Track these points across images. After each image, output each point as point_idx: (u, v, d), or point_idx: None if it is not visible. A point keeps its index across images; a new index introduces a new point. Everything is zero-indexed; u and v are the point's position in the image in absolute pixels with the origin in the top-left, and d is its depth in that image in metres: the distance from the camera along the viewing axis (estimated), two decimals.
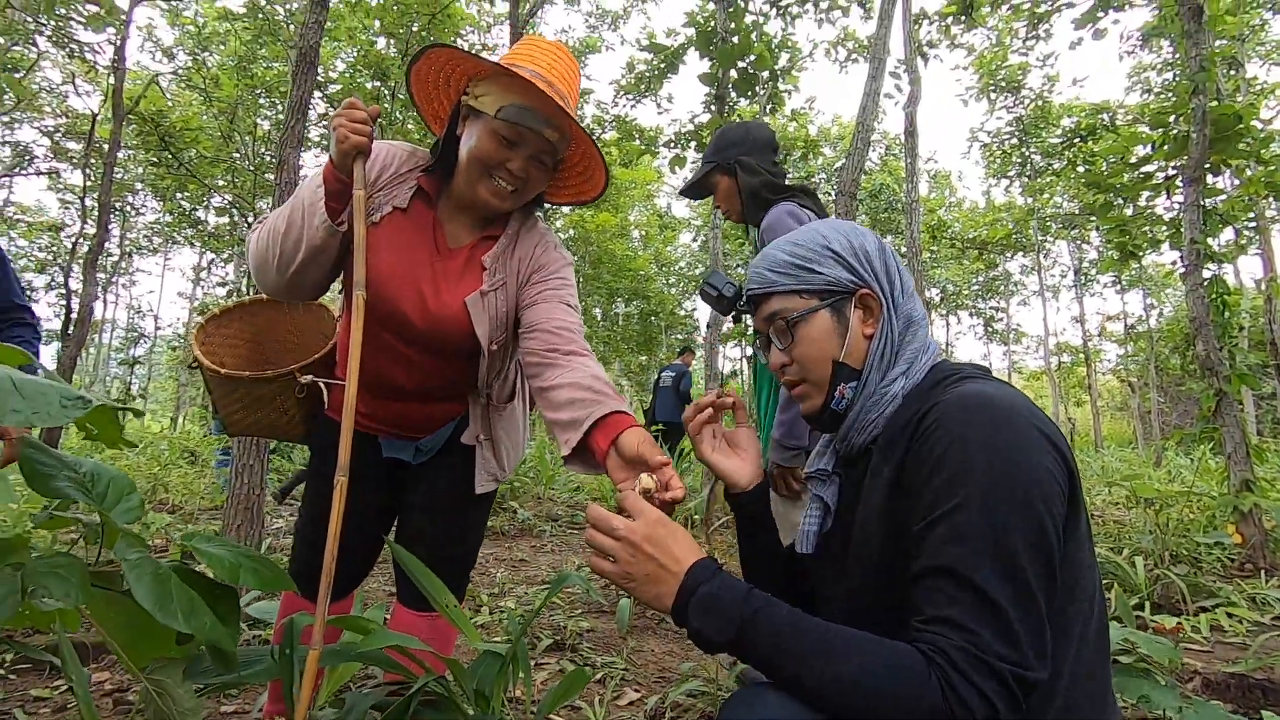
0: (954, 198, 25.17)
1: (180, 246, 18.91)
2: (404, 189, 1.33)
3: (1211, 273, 4.08)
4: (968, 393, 0.75)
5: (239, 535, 2.59)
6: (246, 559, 1.13)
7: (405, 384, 1.39)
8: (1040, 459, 0.69)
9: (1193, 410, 18.85)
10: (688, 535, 0.82)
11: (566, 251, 1.42)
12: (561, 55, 1.28)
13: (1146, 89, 14.69)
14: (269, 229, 1.28)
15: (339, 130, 1.18)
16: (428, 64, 1.29)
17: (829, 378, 0.89)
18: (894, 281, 0.91)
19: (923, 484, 0.73)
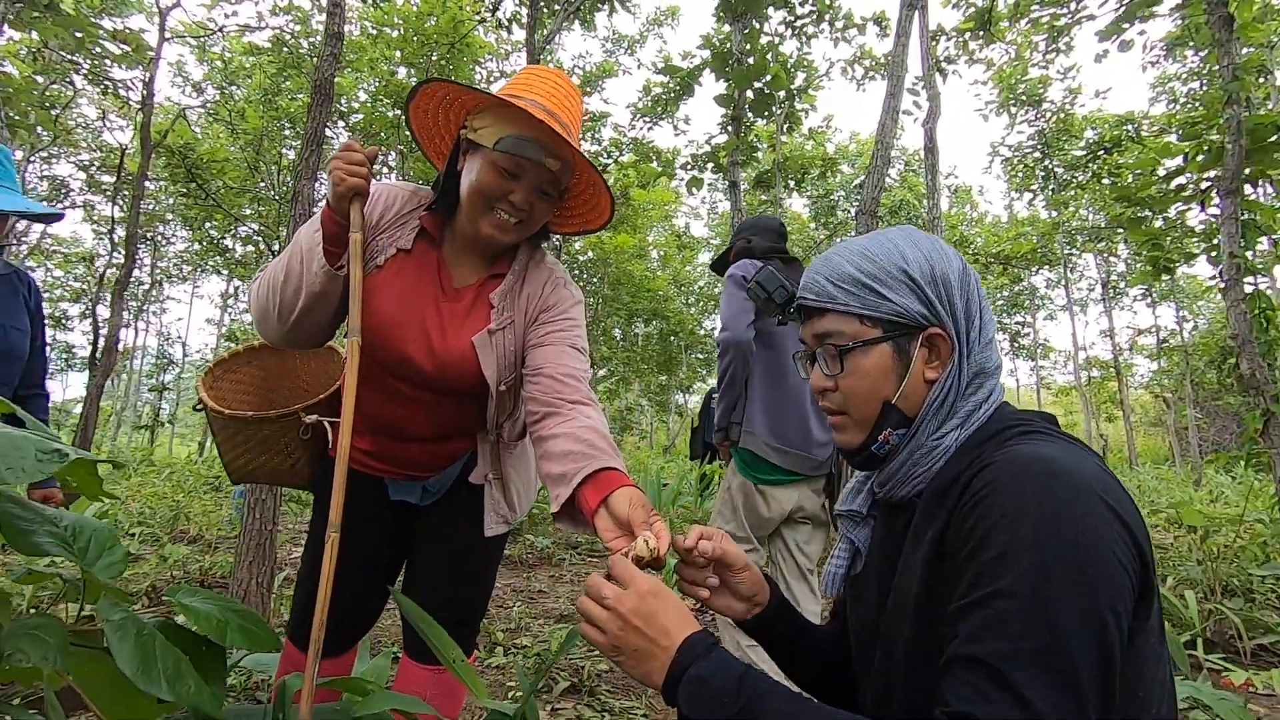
0: (975, 213, 24.90)
1: (208, 274, 19.31)
2: (407, 230, 1.30)
3: (1253, 287, 3.91)
4: (1026, 455, 0.65)
5: (250, 572, 2.55)
6: (235, 615, 1.07)
7: (413, 427, 1.35)
8: (1108, 542, 0.58)
9: (1231, 426, 18.23)
10: (681, 606, 0.74)
11: (576, 288, 1.38)
12: (561, 83, 1.26)
13: (1172, 99, 14.45)
14: (268, 279, 1.25)
15: (335, 172, 1.15)
16: (425, 98, 1.27)
17: (875, 418, 0.79)
18: (972, 322, 0.78)
19: (966, 558, 0.63)
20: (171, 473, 9.14)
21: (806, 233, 20.60)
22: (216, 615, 1.03)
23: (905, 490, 0.79)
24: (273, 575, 2.64)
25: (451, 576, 1.41)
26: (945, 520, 0.69)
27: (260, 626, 1.09)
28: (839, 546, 0.90)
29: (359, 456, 1.40)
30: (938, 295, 0.77)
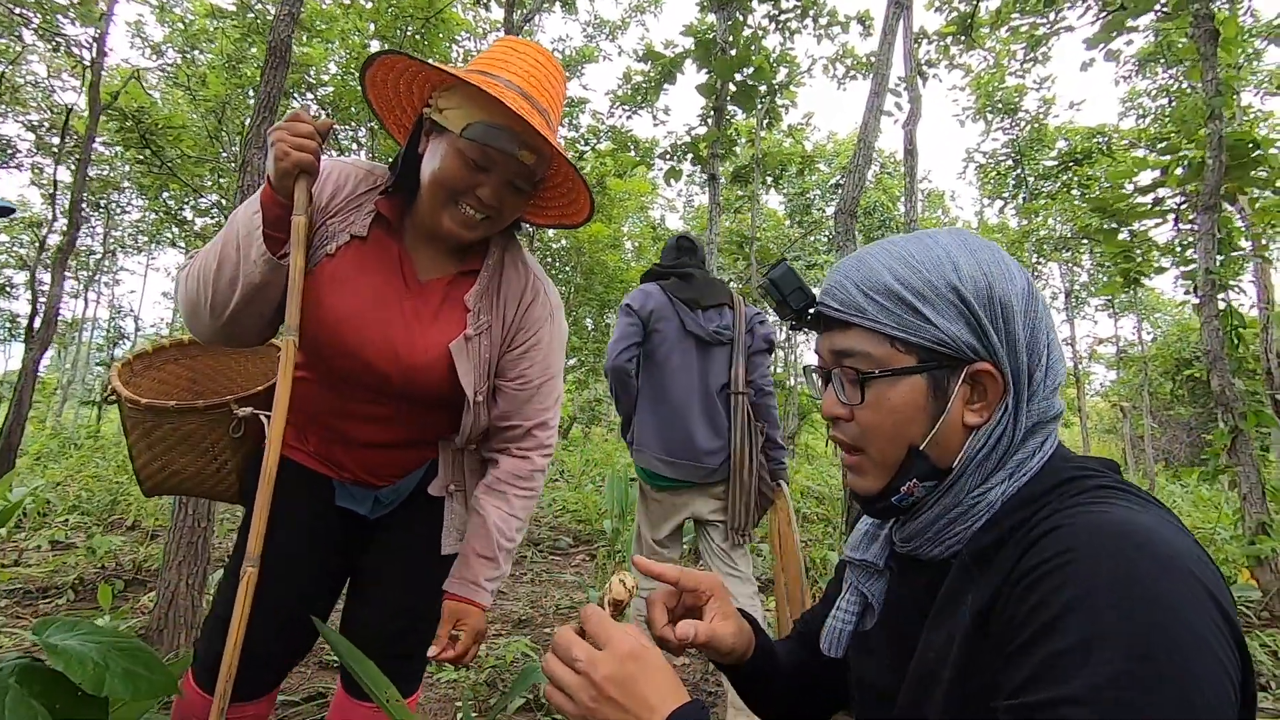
0: (947, 218, 25.22)
1: (164, 246, 18.58)
2: (361, 214, 1.15)
3: (1225, 303, 3.92)
4: (1111, 522, 0.51)
5: (179, 573, 2.35)
6: (120, 656, 0.90)
7: (371, 439, 1.21)
8: (1212, 644, 0.45)
9: (1182, 436, 18.82)
10: (666, 671, 0.60)
11: (554, 291, 1.26)
12: (541, 59, 1.11)
13: (1141, 114, 14.73)
14: (198, 267, 1.08)
15: (278, 145, 1.00)
16: (382, 70, 1.11)
17: (898, 464, 0.65)
18: (1037, 359, 0.62)
19: (1025, 646, 0.50)
20: (118, 452, 8.72)
21: (781, 230, 20.62)
22: (94, 658, 0.86)
23: (936, 550, 0.65)
24: (205, 576, 2.44)
25: (401, 601, 1.24)
26: (993, 592, 0.55)
27: (153, 668, 0.92)
28: (846, 599, 0.76)
29: (301, 450, 1.24)
30: (993, 322, 0.61)
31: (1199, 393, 16.72)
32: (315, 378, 1.18)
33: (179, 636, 2.35)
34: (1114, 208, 5.12)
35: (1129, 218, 5.14)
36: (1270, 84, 14.22)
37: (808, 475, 9.00)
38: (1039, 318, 0.63)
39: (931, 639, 0.61)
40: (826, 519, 6.12)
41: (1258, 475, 3.60)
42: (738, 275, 18.74)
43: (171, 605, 2.35)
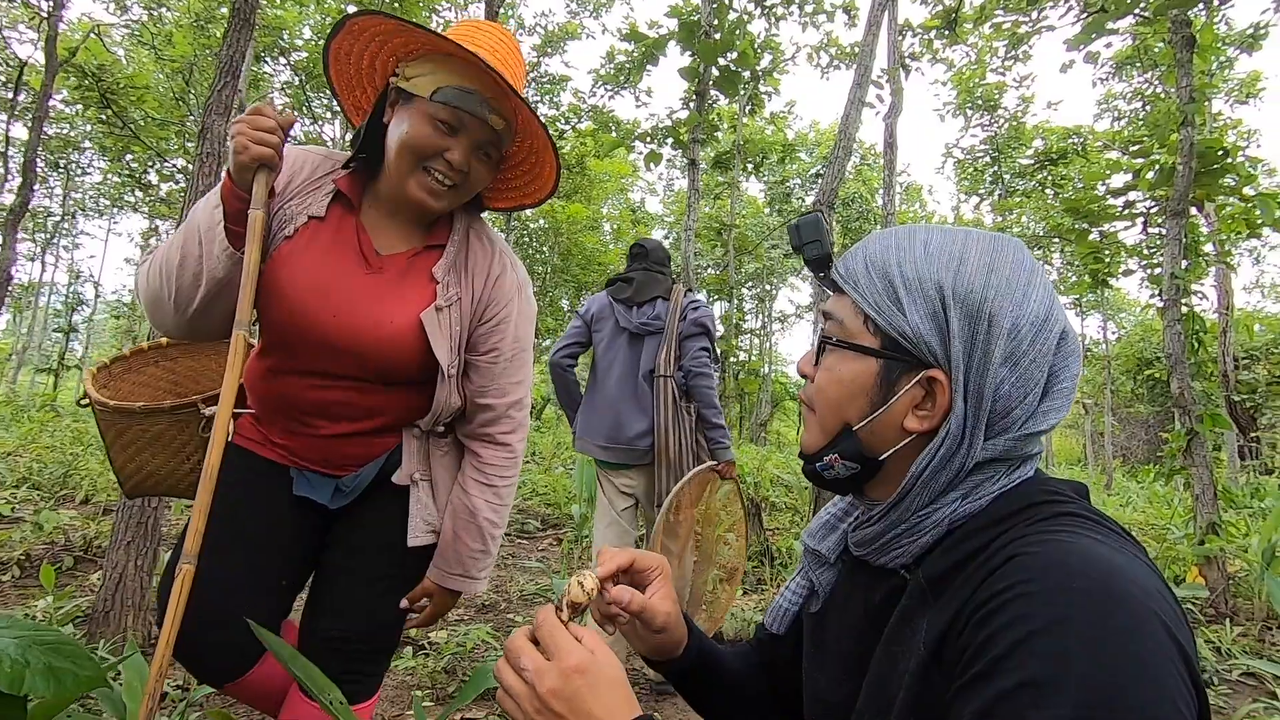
0: (924, 212, 25.46)
1: (127, 210, 17.96)
2: (320, 195, 1.15)
3: (1188, 307, 4.00)
4: (1074, 554, 0.48)
5: (128, 553, 2.27)
6: (44, 651, 0.85)
7: (330, 420, 1.17)
8: (1171, 693, 0.43)
9: (1140, 434, 19.38)
10: (617, 685, 0.58)
11: (520, 266, 1.26)
12: (504, 38, 1.12)
13: (1116, 116, 14.96)
14: (160, 262, 1.08)
15: (238, 138, 0.99)
16: (350, 38, 1.10)
17: (833, 436, 0.66)
18: (1019, 398, 0.58)
19: (976, 677, 0.48)
20: (73, 421, 8.46)
21: (761, 218, 20.63)
22: (12, 655, 0.81)
23: (883, 559, 0.65)
24: (155, 557, 2.37)
25: (362, 590, 1.20)
26: (949, 619, 0.53)
27: (79, 662, 0.87)
28: (793, 581, 0.78)
29: (259, 438, 1.22)
30: (965, 339, 0.58)
31: (1158, 392, 17.20)
32: (283, 367, 1.15)
33: (126, 618, 2.28)
34: (1086, 209, 5.19)
35: (1100, 219, 5.21)
36: (1240, 92, 14.54)
37: (777, 464, 9.08)
38: (1040, 356, 0.58)
39: (886, 661, 0.59)
40: (794, 508, 6.18)
41: (1210, 477, 3.70)
42: (715, 261, 18.73)
43: (119, 586, 2.28)
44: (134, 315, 22.36)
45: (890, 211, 7.66)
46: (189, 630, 1.00)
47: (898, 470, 0.63)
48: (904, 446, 0.62)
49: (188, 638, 1.02)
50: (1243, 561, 4.16)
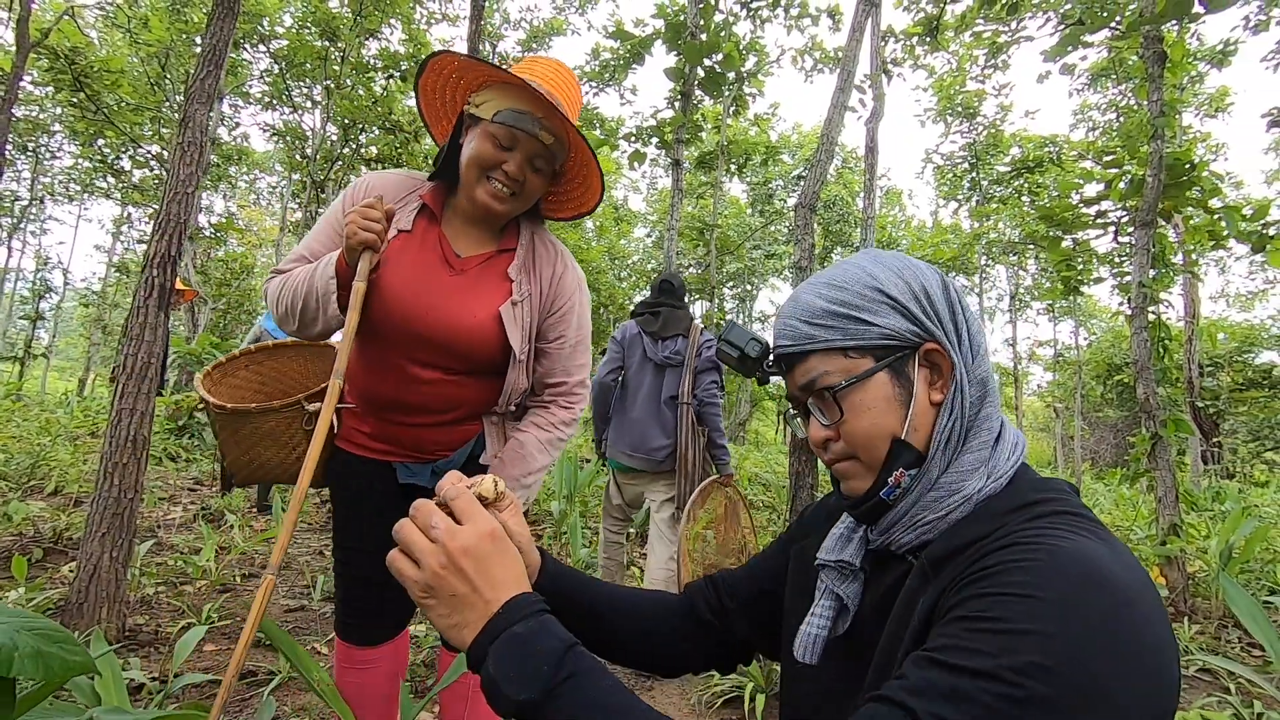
0: (903, 215, 25.77)
1: (99, 196, 17.54)
2: (406, 211, 1.35)
3: (1155, 315, 4.12)
4: (1073, 553, 0.52)
5: (102, 545, 2.24)
6: (30, 636, 0.86)
7: (422, 409, 1.36)
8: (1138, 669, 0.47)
9: (1108, 437, 19.84)
10: (520, 562, 0.63)
11: (577, 266, 1.46)
12: (560, 69, 1.33)
13: (1091, 127, 15.28)
14: (287, 301, 1.31)
15: (350, 226, 1.21)
16: (432, 77, 1.34)
17: (884, 459, 0.68)
18: (962, 333, 0.69)
19: (954, 616, 0.52)
20: (41, 411, 8.27)
21: (743, 219, 20.74)
22: (0, 639, 0.82)
23: (909, 537, 0.67)
24: (131, 548, 2.35)
25: None
26: (941, 590, 0.57)
27: (67, 646, 0.88)
28: (820, 604, 0.75)
29: (363, 440, 1.40)
30: (923, 309, 0.69)
31: (1126, 397, 17.62)
32: (381, 363, 1.33)
33: (100, 610, 2.26)
34: (1060, 217, 5.31)
35: (1073, 227, 5.33)
36: (1209, 107, 14.93)
37: (756, 462, 9.16)
38: (954, 297, 0.71)
39: (887, 643, 0.62)
40: (772, 506, 6.25)
41: (1173, 480, 3.82)
42: (697, 261, 18.80)
43: (94, 578, 2.25)
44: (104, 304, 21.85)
45: (871, 215, 7.76)
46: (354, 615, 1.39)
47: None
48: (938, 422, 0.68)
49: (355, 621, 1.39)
50: (1202, 562, 4.30)
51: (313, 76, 12.22)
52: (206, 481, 6.03)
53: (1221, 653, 3.14)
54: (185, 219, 2.46)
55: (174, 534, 3.94)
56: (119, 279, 20.40)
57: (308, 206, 13.34)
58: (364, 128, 12.40)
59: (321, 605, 3.03)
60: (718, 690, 2.38)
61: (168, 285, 2.42)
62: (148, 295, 2.39)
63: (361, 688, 1.41)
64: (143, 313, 2.39)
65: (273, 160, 21.06)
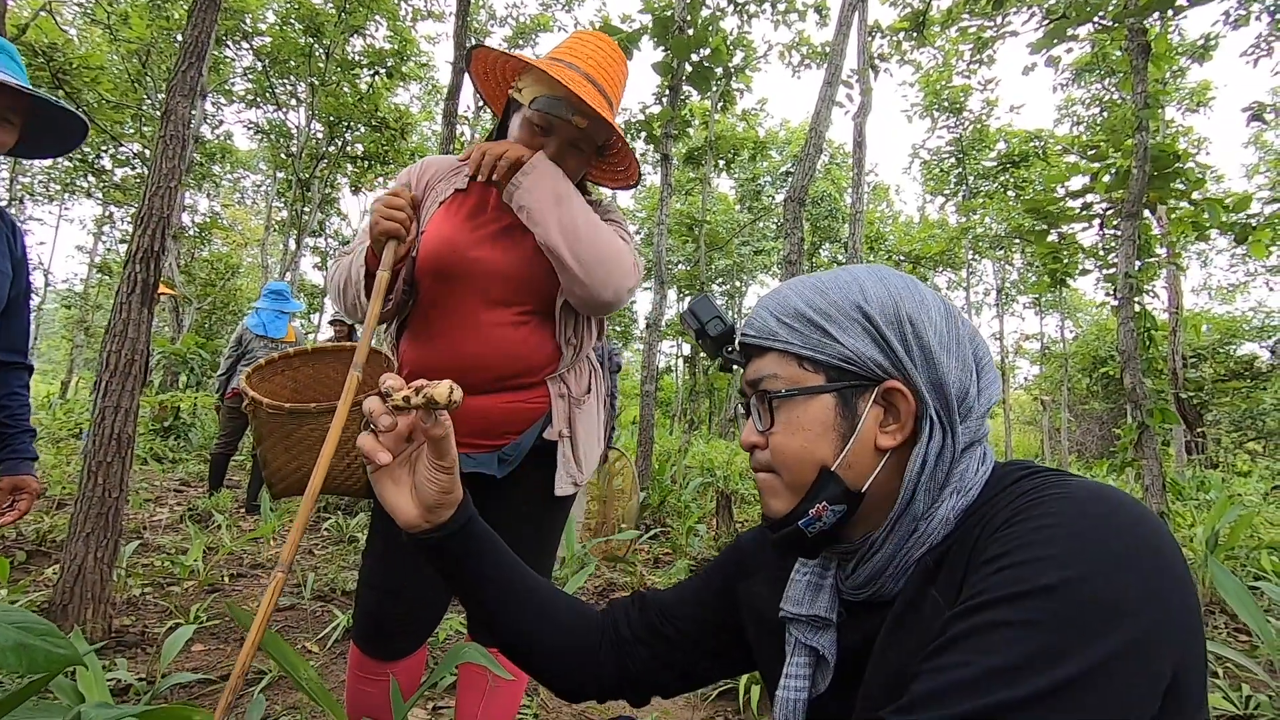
0: (891, 210, 25.90)
1: (79, 196, 17.29)
2: (460, 176, 1.40)
3: (1140, 306, 4.16)
4: (1083, 486, 0.53)
5: (87, 545, 2.21)
6: (14, 630, 0.84)
7: (484, 365, 1.32)
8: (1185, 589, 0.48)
9: (1094, 429, 20.05)
10: None
11: (621, 214, 1.48)
12: (603, 45, 1.36)
13: (1076, 121, 15.41)
14: (336, 284, 1.36)
15: (375, 214, 1.22)
16: (479, 64, 1.40)
17: (808, 487, 0.63)
18: (969, 379, 0.62)
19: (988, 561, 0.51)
20: None
21: (731, 214, 20.77)
22: None
23: (900, 585, 0.63)
24: (117, 547, 2.31)
25: (524, 541, 1.32)
26: (963, 569, 0.55)
27: (52, 639, 0.86)
28: (794, 661, 0.69)
29: None
30: (902, 342, 0.62)
31: (1112, 389, 17.81)
32: (435, 327, 1.33)
33: (86, 611, 2.22)
34: (1046, 210, 5.35)
35: (1059, 220, 5.38)
36: (1191, 101, 15.10)
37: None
38: (963, 338, 0.64)
39: (894, 645, 0.59)
40: None
41: (1159, 469, 3.86)
42: (686, 257, 18.80)
43: (79, 579, 2.22)
44: (86, 305, 21.56)
45: (858, 210, 7.78)
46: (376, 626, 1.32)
47: (880, 495, 0.63)
48: (882, 469, 0.62)
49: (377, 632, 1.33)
50: (1189, 550, 4.34)
51: (297, 73, 12.10)
52: (193, 482, 5.97)
53: (1209, 638, 3.18)
54: (168, 214, 2.42)
55: (161, 535, 3.90)
56: (101, 280, 20.15)
57: (293, 205, 13.22)
58: (350, 125, 12.30)
59: (312, 604, 3.00)
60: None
61: (151, 280, 2.38)
62: (130, 290, 2.35)
63: (372, 697, 1.38)
64: (126, 308, 2.35)
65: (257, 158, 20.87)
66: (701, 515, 4.84)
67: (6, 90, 1.33)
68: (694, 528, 4.56)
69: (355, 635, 1.38)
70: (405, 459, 0.75)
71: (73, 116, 1.46)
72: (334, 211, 20.01)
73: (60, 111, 1.43)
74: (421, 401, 0.68)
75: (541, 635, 0.80)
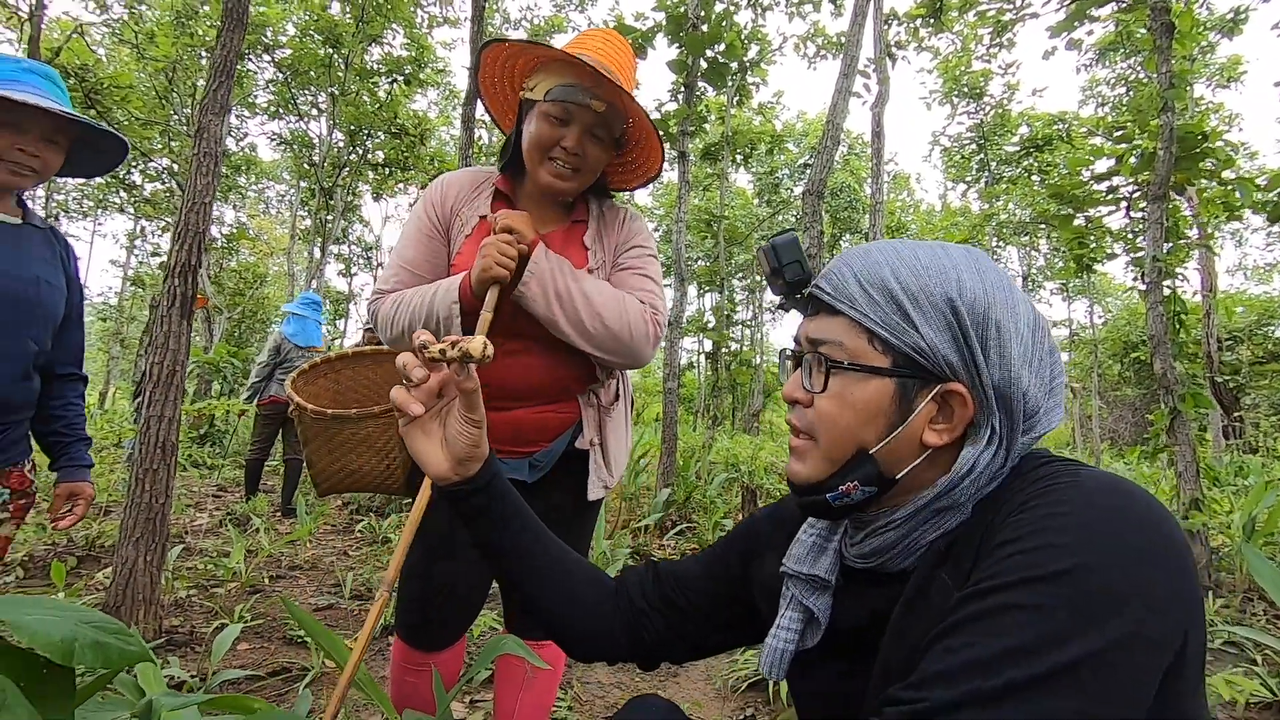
0: (912, 200, 25.58)
1: (112, 212, 17.76)
2: (482, 199, 1.40)
3: (1170, 290, 4.08)
4: (1094, 476, 0.54)
5: (137, 549, 2.30)
6: (89, 629, 0.90)
7: (518, 387, 1.37)
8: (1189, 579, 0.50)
9: (1127, 415, 19.62)
10: None
11: (645, 221, 1.50)
12: (609, 38, 1.38)
13: (1101, 102, 15.10)
14: (404, 319, 1.30)
15: (487, 257, 1.20)
16: (489, 71, 1.40)
17: (843, 462, 0.63)
18: (1044, 394, 0.61)
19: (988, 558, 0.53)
20: None
21: (750, 209, 20.67)
22: (61, 632, 0.85)
23: (908, 562, 0.64)
24: (164, 551, 2.40)
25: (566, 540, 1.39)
26: (976, 548, 0.57)
27: (124, 637, 0.92)
28: (787, 614, 0.71)
29: None
30: (983, 348, 0.59)
31: (1144, 374, 17.42)
32: None
33: (138, 612, 2.32)
34: (1071, 194, 5.27)
35: (1085, 204, 5.29)
36: (1221, 76, 14.69)
37: (771, 452, 9.17)
38: (1045, 354, 0.62)
39: (904, 633, 0.60)
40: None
41: (1193, 454, 3.80)
42: (706, 253, 18.76)
43: (130, 581, 2.31)
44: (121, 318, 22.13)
45: (879, 200, 7.73)
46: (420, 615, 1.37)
47: (911, 482, 0.63)
48: (921, 461, 0.62)
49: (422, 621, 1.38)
50: (1225, 537, 4.27)
51: (317, 84, 12.30)
52: (230, 487, 6.13)
53: (1247, 624, 3.13)
54: (204, 229, 2.51)
55: (202, 538, 4.02)
56: (135, 292, 20.67)
57: (317, 213, 13.45)
58: (370, 132, 12.48)
59: (350, 603, 3.08)
60: (743, 674, 2.40)
61: (189, 294, 2.47)
62: (170, 304, 2.44)
63: (417, 688, 1.43)
64: (166, 321, 2.44)
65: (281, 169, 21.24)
66: (727, 510, 4.86)
67: (53, 116, 1.40)
68: (720, 522, 4.58)
69: (399, 627, 1.43)
70: (436, 413, 0.78)
71: (114, 138, 1.53)
72: (356, 218, 20.31)
73: (102, 134, 1.50)
74: (457, 355, 0.71)
75: (559, 594, 0.82)
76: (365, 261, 23.39)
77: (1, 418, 1.41)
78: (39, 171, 1.42)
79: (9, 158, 1.37)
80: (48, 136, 1.42)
